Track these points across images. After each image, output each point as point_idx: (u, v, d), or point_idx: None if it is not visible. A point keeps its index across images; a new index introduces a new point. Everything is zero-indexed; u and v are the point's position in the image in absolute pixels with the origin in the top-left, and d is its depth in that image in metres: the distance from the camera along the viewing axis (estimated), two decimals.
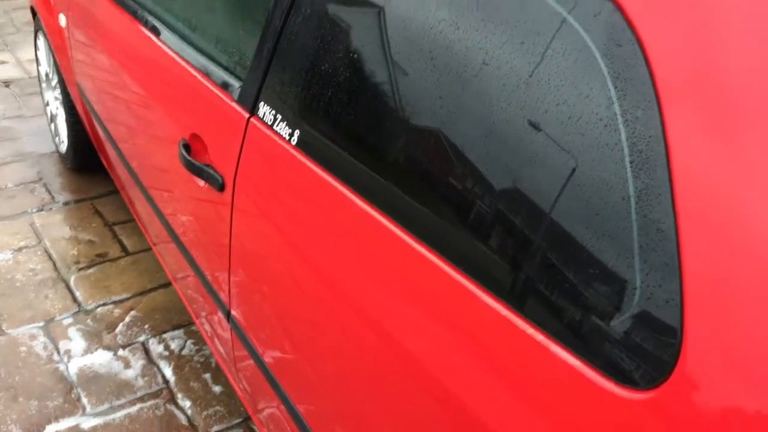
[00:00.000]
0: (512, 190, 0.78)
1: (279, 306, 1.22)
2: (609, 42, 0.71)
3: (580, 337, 0.70)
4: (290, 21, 1.14)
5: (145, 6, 1.80)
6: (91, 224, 2.63)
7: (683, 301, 0.63)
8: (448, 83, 0.86)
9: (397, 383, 0.92)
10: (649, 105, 0.67)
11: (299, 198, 1.10)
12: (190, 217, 1.56)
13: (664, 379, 0.64)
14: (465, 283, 0.81)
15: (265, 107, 1.18)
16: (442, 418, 0.85)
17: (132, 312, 2.22)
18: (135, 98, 1.84)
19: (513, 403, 0.76)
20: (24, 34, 4.35)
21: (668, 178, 0.65)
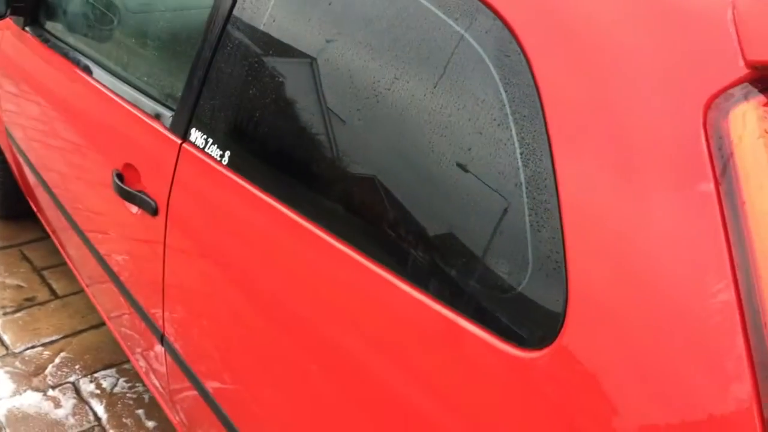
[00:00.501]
0: (423, 183, 0.87)
1: (213, 327, 1.27)
2: (499, 53, 0.82)
3: (483, 308, 0.79)
4: (218, 53, 1.22)
5: (76, 47, 1.85)
6: (18, 270, 2.60)
7: (567, 273, 0.73)
8: (364, 97, 0.95)
9: (340, 400, 0.98)
10: (533, 104, 0.78)
11: (229, 213, 1.17)
12: (124, 248, 1.60)
13: (553, 339, 0.73)
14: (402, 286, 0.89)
15: (196, 132, 1.25)
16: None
17: (62, 353, 2.20)
18: (67, 140, 1.87)
19: (432, 374, 0.84)
20: None
21: (551, 164, 0.75)
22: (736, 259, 0.62)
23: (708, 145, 0.65)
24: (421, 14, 0.90)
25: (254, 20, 1.16)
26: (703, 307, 0.63)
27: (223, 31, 1.22)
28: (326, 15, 1.04)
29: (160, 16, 1.77)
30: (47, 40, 1.98)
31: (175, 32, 1.64)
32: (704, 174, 0.64)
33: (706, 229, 0.64)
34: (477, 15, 0.84)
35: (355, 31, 0.99)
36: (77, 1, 2.05)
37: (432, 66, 0.88)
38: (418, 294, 0.85)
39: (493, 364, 0.78)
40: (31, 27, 2.10)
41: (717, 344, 0.62)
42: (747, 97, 0.64)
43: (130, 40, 1.80)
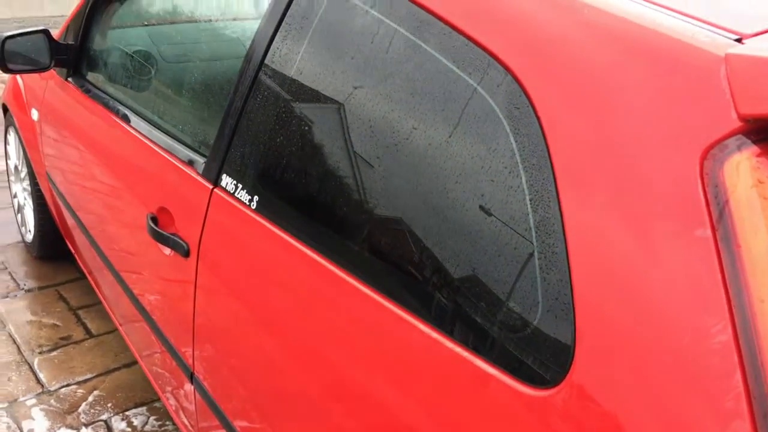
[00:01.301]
0: (440, 228, 0.92)
1: (242, 367, 1.32)
2: (509, 105, 0.87)
3: (496, 348, 0.83)
4: (249, 103, 1.29)
5: (115, 96, 1.95)
6: (55, 309, 2.68)
7: (575, 313, 0.76)
8: (384, 145, 1.01)
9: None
10: (541, 153, 0.82)
11: (257, 255, 1.22)
12: (156, 288, 1.66)
13: (563, 378, 0.76)
14: (429, 332, 0.93)
15: (227, 178, 1.32)
16: None
17: (95, 391, 2.26)
18: (105, 184, 1.96)
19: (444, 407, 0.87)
20: None
21: (559, 210, 0.79)
22: (733, 300, 0.65)
23: (705, 193, 0.68)
24: (437, 69, 0.96)
25: (283, 73, 1.23)
26: (702, 346, 0.66)
27: (253, 83, 1.29)
28: (349, 68, 1.10)
29: (194, 67, 1.86)
30: (88, 90, 2.09)
31: (207, 83, 1.72)
32: (701, 220, 0.68)
33: (704, 271, 0.67)
34: (489, 69, 0.90)
35: (376, 83, 1.05)
36: (116, 53, 2.16)
37: (447, 117, 0.93)
38: (435, 333, 0.89)
39: (505, 402, 0.81)
40: (74, 77, 2.21)
41: (717, 383, 0.65)
42: (740, 148, 0.68)
43: (165, 90, 1.89)
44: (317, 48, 1.18)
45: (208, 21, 2.01)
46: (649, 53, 0.77)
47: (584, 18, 0.83)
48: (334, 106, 1.13)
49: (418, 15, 1.01)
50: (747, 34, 0.74)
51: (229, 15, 1.87)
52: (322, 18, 1.17)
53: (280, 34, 1.25)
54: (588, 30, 0.82)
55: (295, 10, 1.23)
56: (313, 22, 1.19)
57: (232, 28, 1.86)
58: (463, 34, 0.94)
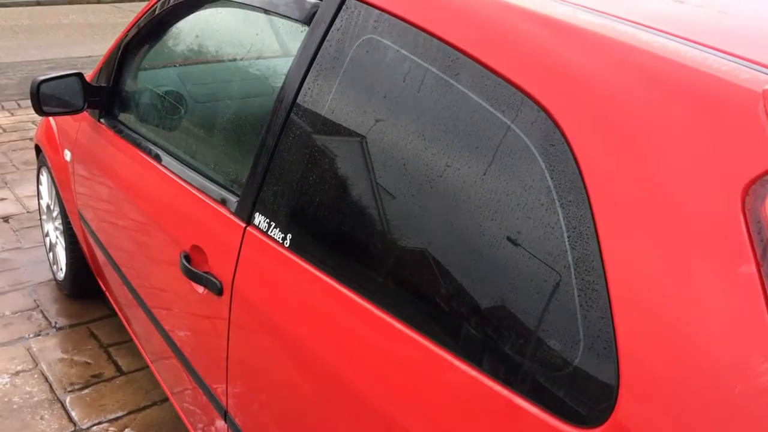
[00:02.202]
0: (478, 265, 0.92)
1: (275, 404, 1.32)
2: (544, 143, 0.87)
3: (538, 386, 0.82)
4: (281, 142, 1.31)
5: (147, 137, 1.99)
6: (86, 347, 2.70)
7: (617, 351, 0.75)
8: (417, 183, 1.02)
9: None
10: (578, 190, 0.82)
11: (291, 293, 1.23)
12: (189, 325, 1.67)
13: (607, 417, 0.75)
14: (463, 367, 0.93)
15: (260, 217, 1.33)
16: None
17: (126, 429, 2.26)
18: (137, 222, 1.99)
19: None
20: (22, 172, 4.56)
21: (598, 246, 0.79)
22: None
23: (748, 229, 0.68)
24: (470, 107, 0.97)
25: (314, 112, 1.25)
26: (750, 387, 0.65)
27: (285, 122, 1.31)
28: (382, 106, 1.12)
29: (225, 107, 1.90)
30: (120, 131, 2.13)
31: (239, 122, 1.75)
32: (745, 256, 0.67)
33: (749, 309, 0.66)
34: (522, 107, 0.90)
35: (408, 121, 1.06)
36: (148, 94, 2.21)
37: (481, 154, 0.94)
38: (474, 372, 0.89)
39: None
40: (106, 119, 2.26)
41: (764, 426, 0.64)
42: None
43: (197, 130, 1.92)
44: (349, 87, 1.19)
45: (238, 60, 2.05)
46: (686, 90, 0.77)
47: (619, 55, 0.84)
48: (366, 145, 1.14)
49: (450, 54, 1.02)
50: None
51: (258, 54, 1.90)
52: (353, 58, 1.19)
53: (312, 74, 1.27)
54: (623, 67, 0.83)
55: (326, 50, 1.25)
56: (344, 61, 1.21)
57: (262, 67, 1.89)
58: (495, 72, 0.95)
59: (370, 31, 1.17)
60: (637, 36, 0.85)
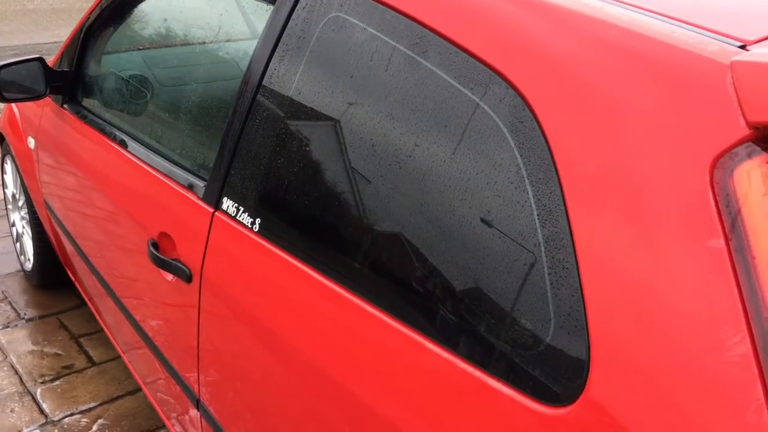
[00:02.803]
0: (447, 246, 0.90)
1: (248, 391, 1.30)
2: (513, 120, 0.86)
3: (509, 366, 0.81)
4: (248, 124, 1.29)
5: (112, 122, 1.94)
6: (56, 338, 2.66)
7: (588, 329, 0.75)
8: (386, 164, 1.00)
9: None
10: (547, 167, 0.81)
11: (261, 278, 1.21)
12: (159, 313, 1.64)
13: (579, 394, 0.75)
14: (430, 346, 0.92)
15: (228, 201, 1.31)
16: None
17: (99, 420, 2.23)
18: (104, 210, 1.95)
19: None
20: None
21: (567, 224, 0.78)
22: (750, 311, 0.64)
23: (716, 203, 0.67)
24: (438, 85, 0.95)
25: (281, 94, 1.22)
26: (721, 359, 0.65)
27: (251, 105, 1.28)
28: (349, 87, 1.10)
29: (191, 90, 1.86)
30: (84, 117, 2.08)
31: (205, 106, 1.72)
32: (714, 230, 0.67)
33: (719, 283, 0.66)
34: (490, 84, 0.89)
35: (376, 101, 1.04)
36: (112, 78, 2.16)
37: (450, 133, 0.93)
38: (447, 354, 0.88)
39: (521, 421, 0.79)
40: (69, 104, 2.21)
41: (737, 396, 0.64)
42: (751, 156, 0.67)
43: (163, 114, 1.88)
44: (315, 67, 1.17)
45: (203, 43, 2.01)
46: (654, 63, 0.76)
47: (586, 30, 0.83)
48: (334, 126, 1.12)
49: (417, 31, 1.00)
50: (750, 41, 0.74)
51: (224, 36, 1.86)
52: (320, 37, 1.17)
53: (277, 55, 1.25)
54: (590, 42, 0.82)
55: (291, 29, 1.22)
56: (310, 41, 1.18)
57: (228, 49, 1.86)
58: (463, 49, 0.93)
59: (336, 9, 1.14)
60: (604, 10, 0.84)
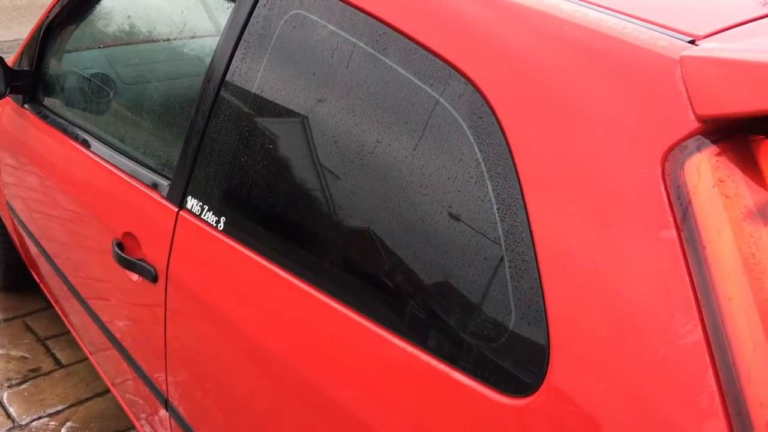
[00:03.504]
0: (409, 240, 0.91)
1: (216, 390, 1.30)
2: (472, 115, 0.87)
3: (472, 359, 0.82)
4: (211, 123, 1.28)
5: (74, 122, 1.92)
6: (23, 341, 2.62)
7: (548, 320, 0.76)
8: (348, 160, 1.00)
9: None
10: (506, 162, 0.82)
11: (226, 277, 1.21)
12: (126, 314, 1.63)
13: (539, 385, 0.76)
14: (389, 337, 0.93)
15: (192, 200, 1.30)
16: None
17: (68, 423, 2.21)
18: (68, 211, 1.92)
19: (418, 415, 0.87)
20: None
21: (526, 217, 0.79)
22: (701, 300, 0.66)
23: (668, 195, 0.69)
24: (399, 81, 0.96)
25: (243, 91, 1.22)
26: (674, 347, 0.67)
27: (214, 103, 1.28)
28: (311, 84, 1.10)
29: (154, 88, 1.84)
30: (46, 116, 2.05)
31: (168, 104, 1.70)
32: (666, 222, 0.68)
33: (671, 272, 0.68)
34: (450, 80, 0.90)
35: (338, 98, 1.04)
36: (73, 77, 2.13)
37: (411, 129, 0.93)
38: (410, 347, 0.89)
39: (486, 413, 0.80)
40: (30, 104, 2.17)
41: (690, 383, 0.65)
42: (700, 149, 0.69)
43: (126, 112, 1.86)
44: (277, 65, 1.17)
45: (166, 40, 1.99)
46: (607, 59, 0.77)
47: (541, 26, 0.84)
48: (296, 123, 1.12)
49: (377, 28, 1.00)
50: (700, 35, 0.75)
51: (187, 33, 1.85)
52: (281, 34, 1.16)
53: (239, 52, 1.24)
54: (546, 38, 0.83)
55: (253, 26, 1.22)
56: (272, 38, 1.18)
57: (191, 46, 1.84)
58: (422, 46, 0.94)
59: (297, 6, 1.14)
60: (559, 6, 0.85)
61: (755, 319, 0.64)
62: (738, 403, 0.63)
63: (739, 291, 0.64)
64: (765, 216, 0.67)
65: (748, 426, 0.62)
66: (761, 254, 0.65)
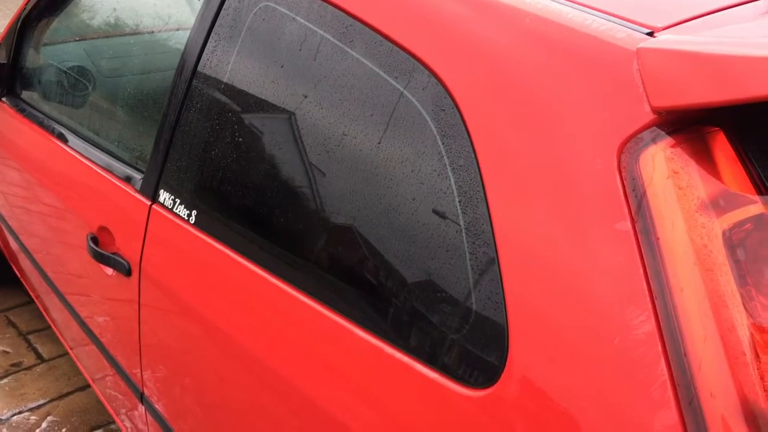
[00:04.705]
0: (374, 233, 0.91)
1: (190, 384, 1.29)
2: (435, 108, 0.87)
3: (434, 351, 0.83)
4: (183, 116, 1.27)
5: (51, 115, 1.91)
6: (4, 335, 2.61)
7: (507, 312, 0.76)
8: (316, 153, 1.00)
9: None
10: (468, 154, 0.82)
11: (198, 270, 1.20)
12: (102, 309, 1.62)
13: (498, 377, 0.76)
14: (355, 330, 0.93)
15: (164, 194, 1.30)
16: None
17: (49, 417, 2.20)
18: (45, 206, 1.91)
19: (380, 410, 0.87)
20: None
21: (487, 210, 0.79)
22: (654, 291, 0.66)
23: (623, 186, 0.69)
24: (365, 74, 0.96)
25: (214, 84, 1.21)
26: (628, 337, 0.67)
27: (185, 96, 1.27)
28: (279, 77, 1.09)
29: (129, 81, 1.83)
30: (23, 110, 2.03)
31: (142, 97, 1.70)
32: (621, 213, 0.69)
33: (626, 264, 0.68)
34: (414, 73, 0.90)
35: (306, 91, 1.04)
36: (50, 70, 2.11)
37: (376, 122, 0.93)
38: (374, 339, 0.89)
39: (449, 405, 0.81)
40: (7, 97, 2.15)
41: (643, 373, 0.66)
42: (655, 140, 0.69)
43: (101, 106, 1.85)
44: (247, 57, 1.16)
45: (143, 33, 1.98)
46: (567, 51, 0.77)
47: (503, 19, 0.84)
48: (265, 116, 1.11)
49: (344, 20, 1.00)
50: (659, 27, 0.75)
51: (162, 26, 1.84)
52: (250, 26, 1.16)
53: (210, 44, 1.24)
54: (507, 30, 0.83)
55: (223, 18, 1.21)
56: (242, 30, 1.18)
57: (165, 39, 1.83)
58: (387, 38, 0.94)
59: None
60: None
61: (706, 310, 0.64)
62: (689, 393, 0.63)
63: (691, 282, 0.65)
64: (717, 208, 0.67)
65: (699, 415, 0.63)
66: (713, 245, 0.65)
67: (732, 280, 0.65)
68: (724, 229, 0.66)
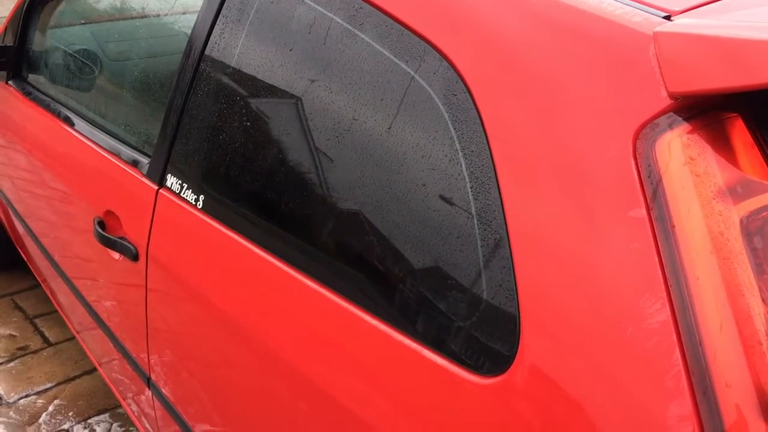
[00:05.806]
0: (383, 219, 0.90)
1: (197, 369, 1.29)
2: (447, 92, 0.86)
3: (444, 338, 0.82)
4: (189, 100, 1.26)
5: (57, 98, 1.90)
6: (11, 319, 2.62)
7: (518, 299, 0.76)
8: (325, 138, 0.99)
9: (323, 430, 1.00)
10: (479, 140, 0.81)
11: (205, 255, 1.20)
12: (108, 293, 1.62)
13: (510, 364, 0.76)
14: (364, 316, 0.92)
15: (172, 178, 1.29)
16: None
17: (56, 401, 2.21)
18: (52, 190, 1.91)
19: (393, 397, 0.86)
20: None
21: (499, 196, 0.79)
22: (669, 279, 0.65)
23: (638, 173, 0.68)
24: (375, 58, 0.94)
25: (222, 68, 1.20)
26: (643, 326, 0.66)
27: (193, 79, 1.26)
28: (288, 60, 1.08)
29: (137, 65, 1.82)
30: (29, 93, 2.03)
31: (150, 81, 1.68)
32: (636, 200, 0.68)
33: (641, 251, 0.67)
34: (425, 57, 0.88)
35: (315, 75, 1.03)
36: (57, 53, 2.10)
37: (387, 106, 0.92)
38: (384, 326, 0.88)
39: (460, 391, 0.80)
40: (14, 80, 2.15)
41: (658, 362, 0.65)
42: (672, 126, 0.68)
43: (108, 90, 1.84)
44: (255, 40, 1.15)
45: (151, 16, 1.96)
46: (581, 35, 0.76)
47: (517, 2, 0.83)
48: (273, 100, 1.10)
49: (354, 3, 0.99)
50: (676, 11, 0.74)
51: (170, 9, 1.82)
52: (259, 9, 1.15)
53: (218, 28, 1.22)
54: (520, 14, 0.82)
55: (232, 2, 1.20)
56: (250, 13, 1.16)
57: (173, 22, 1.82)
58: (398, 21, 0.92)
59: None
60: None
61: (723, 299, 0.63)
62: (704, 383, 0.62)
63: (707, 270, 0.64)
64: (735, 195, 0.66)
65: (714, 405, 0.62)
66: (730, 233, 0.64)
67: (749, 269, 0.64)
68: (742, 216, 0.65)
